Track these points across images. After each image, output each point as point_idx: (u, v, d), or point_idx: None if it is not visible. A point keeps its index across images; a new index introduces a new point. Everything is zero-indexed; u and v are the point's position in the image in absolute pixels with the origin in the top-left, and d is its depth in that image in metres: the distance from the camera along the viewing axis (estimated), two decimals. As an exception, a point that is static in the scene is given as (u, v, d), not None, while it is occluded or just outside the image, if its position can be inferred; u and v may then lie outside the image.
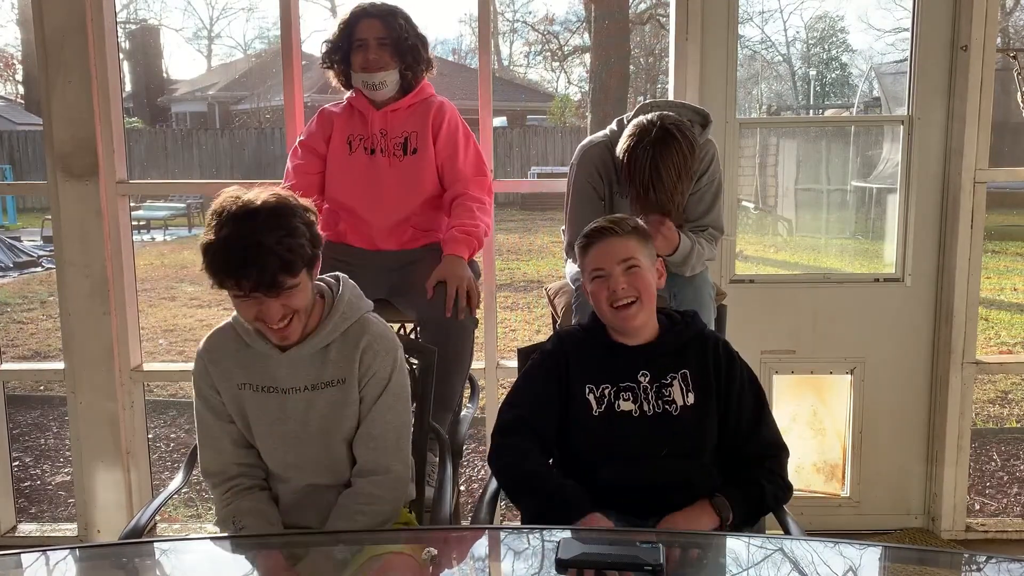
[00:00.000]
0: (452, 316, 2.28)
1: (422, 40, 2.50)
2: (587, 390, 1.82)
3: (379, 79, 2.44)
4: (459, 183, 2.50)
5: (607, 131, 2.41)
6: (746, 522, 1.75)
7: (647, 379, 1.81)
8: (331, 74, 2.57)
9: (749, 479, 1.77)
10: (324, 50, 2.53)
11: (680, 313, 1.92)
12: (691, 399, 1.80)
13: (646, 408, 1.80)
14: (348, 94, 2.57)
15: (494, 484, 1.87)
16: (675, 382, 1.81)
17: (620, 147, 2.23)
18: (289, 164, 2.60)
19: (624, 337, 1.85)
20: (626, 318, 1.81)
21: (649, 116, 2.21)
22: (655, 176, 2.15)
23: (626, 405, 1.80)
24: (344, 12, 2.52)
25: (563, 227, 2.47)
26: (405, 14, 2.48)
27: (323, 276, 1.80)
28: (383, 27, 2.43)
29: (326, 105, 2.60)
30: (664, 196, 2.17)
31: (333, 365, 1.75)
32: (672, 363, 1.83)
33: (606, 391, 1.81)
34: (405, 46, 2.44)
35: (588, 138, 2.45)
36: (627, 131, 2.23)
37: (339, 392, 1.75)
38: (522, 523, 1.79)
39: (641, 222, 1.91)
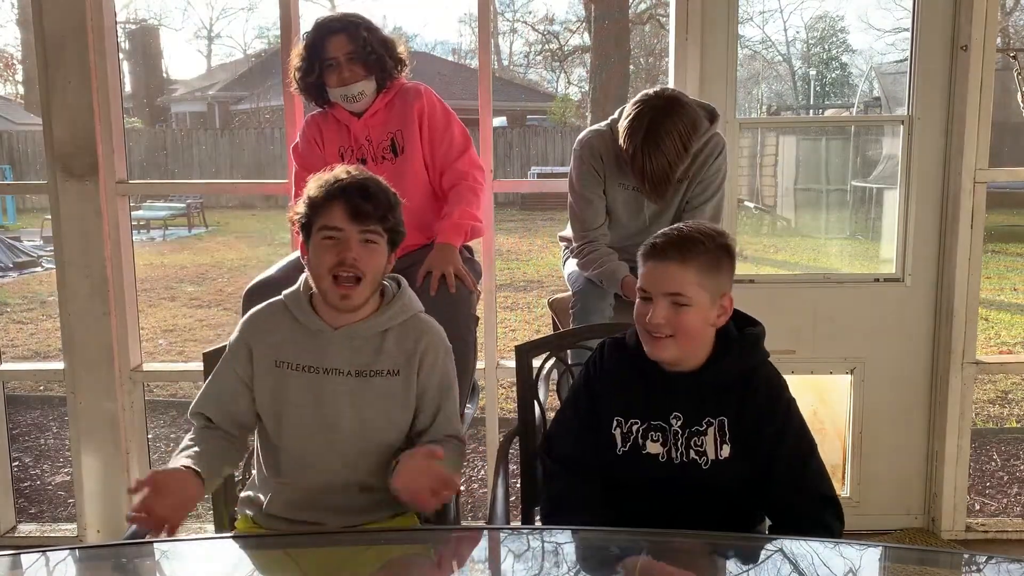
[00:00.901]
0: (447, 318, 2.29)
1: (388, 46, 2.47)
2: (615, 423, 1.70)
3: (357, 90, 2.44)
4: (451, 168, 2.50)
5: (608, 120, 2.42)
6: None
7: (679, 423, 1.67)
8: (304, 97, 2.56)
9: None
10: (297, 77, 2.49)
11: (740, 334, 1.71)
12: (725, 452, 1.65)
13: (674, 455, 1.67)
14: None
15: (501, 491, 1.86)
16: (710, 430, 1.66)
17: (623, 116, 2.25)
18: (293, 177, 2.61)
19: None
20: (654, 347, 1.65)
21: (654, 89, 2.24)
22: (656, 141, 2.16)
23: (653, 447, 1.68)
24: (307, 31, 2.48)
25: (560, 233, 2.47)
26: (368, 23, 2.45)
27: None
28: (349, 42, 2.41)
29: (312, 113, 2.60)
30: (663, 163, 2.17)
31: (388, 355, 1.76)
32: (710, 406, 1.67)
33: (634, 427, 1.69)
34: (372, 60, 2.43)
35: (589, 128, 2.46)
36: (631, 102, 2.24)
37: (392, 384, 1.76)
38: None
39: (726, 240, 1.68)
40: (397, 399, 1.77)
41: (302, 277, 1.82)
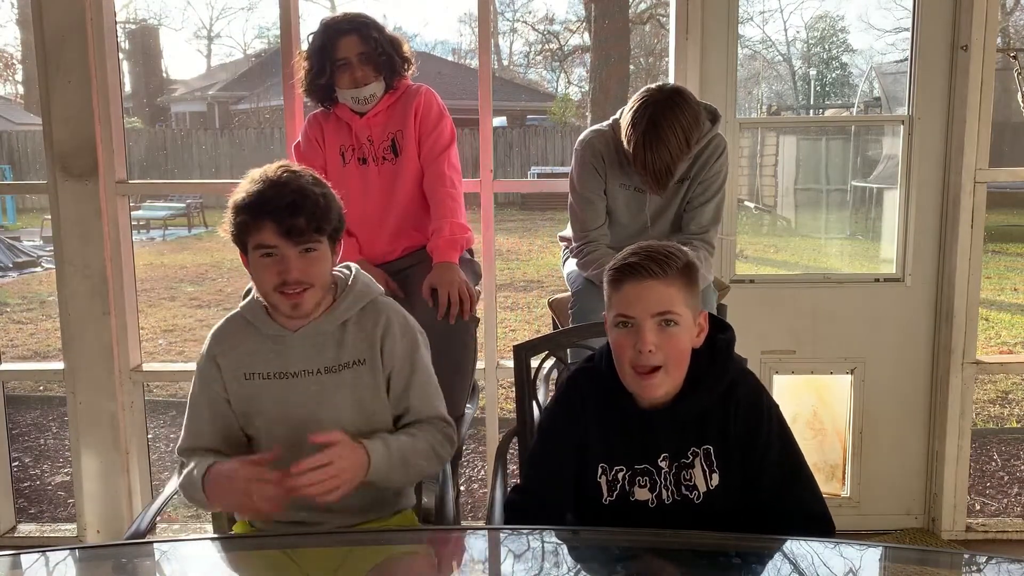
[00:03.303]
0: (447, 320, 2.30)
1: (395, 45, 2.48)
2: (599, 471, 1.58)
3: (368, 92, 2.44)
4: (432, 164, 2.50)
5: (610, 120, 2.43)
6: None
7: (667, 462, 1.56)
8: (311, 99, 2.55)
9: None
10: (307, 80, 2.49)
11: (712, 352, 1.58)
12: (715, 480, 1.55)
13: (664, 496, 1.56)
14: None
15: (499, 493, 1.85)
16: (696, 461, 1.55)
17: (627, 110, 2.25)
18: None
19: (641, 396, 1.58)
20: (646, 387, 1.52)
21: (657, 84, 2.24)
22: (658, 133, 2.16)
23: (642, 493, 1.56)
24: (314, 32, 2.47)
25: (560, 233, 2.46)
26: (375, 23, 2.46)
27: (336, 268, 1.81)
28: (361, 42, 2.41)
29: (315, 111, 2.60)
30: (664, 156, 2.18)
31: (351, 346, 1.75)
32: (693, 436, 1.56)
33: (620, 474, 1.57)
34: (381, 61, 2.44)
35: (590, 127, 2.47)
36: (634, 97, 2.25)
37: (360, 374, 1.75)
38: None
39: (691, 256, 1.58)
40: (368, 387, 1.76)
41: (251, 284, 1.80)
